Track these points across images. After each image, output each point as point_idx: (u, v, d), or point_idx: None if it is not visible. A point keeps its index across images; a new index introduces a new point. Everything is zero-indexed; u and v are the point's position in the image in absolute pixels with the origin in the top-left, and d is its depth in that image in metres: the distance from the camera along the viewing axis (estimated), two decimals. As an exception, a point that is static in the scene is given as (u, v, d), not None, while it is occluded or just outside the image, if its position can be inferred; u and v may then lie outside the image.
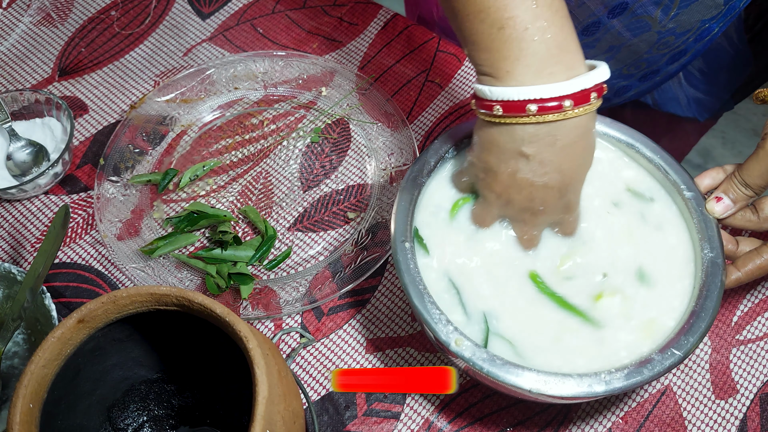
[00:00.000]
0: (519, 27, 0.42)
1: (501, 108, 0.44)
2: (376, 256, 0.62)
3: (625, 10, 0.68)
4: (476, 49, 0.45)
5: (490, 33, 0.43)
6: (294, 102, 0.74)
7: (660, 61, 0.74)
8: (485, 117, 0.46)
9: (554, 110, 0.43)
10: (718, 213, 0.51)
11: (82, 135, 0.73)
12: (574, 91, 0.43)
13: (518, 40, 0.43)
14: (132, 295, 0.43)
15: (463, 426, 0.57)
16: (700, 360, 0.60)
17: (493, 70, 0.44)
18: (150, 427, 0.53)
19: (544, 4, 0.43)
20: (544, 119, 0.43)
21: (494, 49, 0.44)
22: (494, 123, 0.45)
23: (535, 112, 0.43)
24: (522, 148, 0.45)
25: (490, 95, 0.44)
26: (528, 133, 0.44)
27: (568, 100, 0.43)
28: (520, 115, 0.43)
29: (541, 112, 0.43)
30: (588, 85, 0.43)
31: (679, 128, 0.92)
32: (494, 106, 0.44)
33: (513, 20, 0.42)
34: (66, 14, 0.82)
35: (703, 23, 0.67)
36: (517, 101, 0.43)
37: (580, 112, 0.43)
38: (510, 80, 0.44)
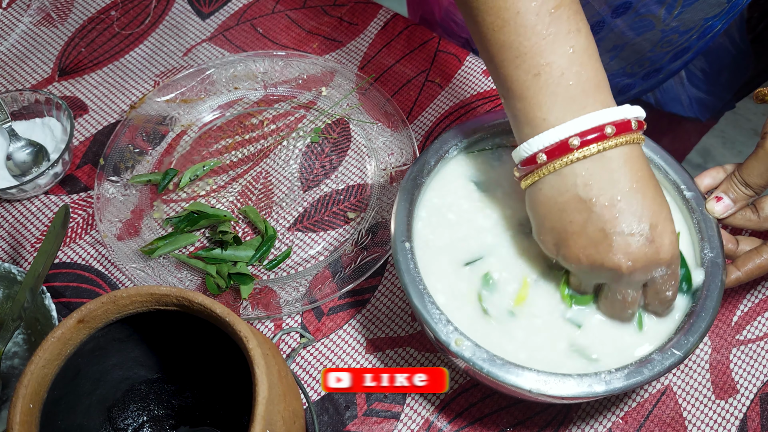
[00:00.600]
0: (555, 73, 0.42)
1: (545, 155, 0.42)
2: (376, 256, 0.62)
3: (628, 10, 0.68)
4: (512, 97, 0.44)
5: (526, 80, 0.42)
6: (294, 102, 0.74)
7: (663, 59, 0.74)
8: (533, 178, 0.44)
9: (598, 140, 0.41)
10: (718, 213, 0.51)
11: (82, 135, 0.73)
12: (614, 118, 0.42)
13: (554, 86, 0.42)
14: (132, 295, 0.43)
15: (463, 426, 0.57)
16: (700, 360, 0.60)
17: (529, 120, 0.43)
18: (150, 427, 0.53)
19: (581, 48, 0.42)
20: (589, 152, 0.41)
21: (529, 96, 0.43)
22: (543, 179, 0.44)
23: (578, 145, 0.41)
24: (579, 193, 0.42)
25: (529, 149, 0.43)
26: (579, 173, 0.42)
27: (610, 126, 0.41)
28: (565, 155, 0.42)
29: (585, 144, 0.41)
30: (626, 113, 0.42)
31: (681, 128, 0.92)
32: (537, 156, 0.43)
33: (549, 66, 0.42)
34: (66, 14, 0.82)
35: (706, 21, 0.68)
36: (558, 142, 0.42)
37: (625, 140, 0.42)
38: (547, 125, 0.42)
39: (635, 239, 0.42)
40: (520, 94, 0.43)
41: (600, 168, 0.42)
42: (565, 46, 0.42)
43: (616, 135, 0.42)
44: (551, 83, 0.42)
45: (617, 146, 0.42)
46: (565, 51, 0.42)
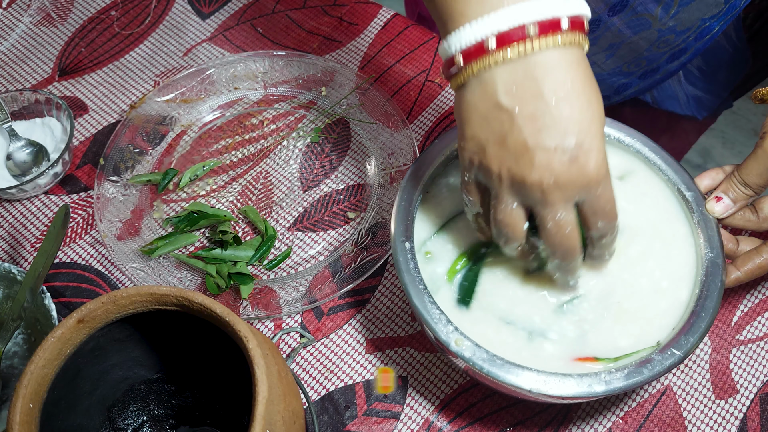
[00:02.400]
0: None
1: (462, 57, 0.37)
2: (376, 256, 0.62)
3: (625, 8, 0.68)
4: None
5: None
6: (294, 102, 0.74)
7: (660, 59, 0.74)
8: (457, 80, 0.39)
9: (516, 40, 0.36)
10: (718, 213, 0.51)
11: (82, 135, 0.73)
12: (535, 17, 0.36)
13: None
14: (132, 295, 0.43)
15: (463, 426, 0.57)
16: (700, 360, 0.60)
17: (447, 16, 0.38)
18: (150, 427, 0.53)
19: None
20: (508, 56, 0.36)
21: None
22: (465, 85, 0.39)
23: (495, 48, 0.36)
24: (500, 100, 0.37)
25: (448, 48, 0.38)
26: (501, 80, 0.37)
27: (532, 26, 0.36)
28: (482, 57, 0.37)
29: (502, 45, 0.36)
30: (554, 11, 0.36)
31: (678, 126, 0.92)
32: (456, 57, 0.38)
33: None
34: (66, 14, 0.82)
35: (704, 22, 0.68)
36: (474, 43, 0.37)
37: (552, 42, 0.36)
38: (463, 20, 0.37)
39: (558, 155, 0.37)
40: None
41: (523, 74, 0.37)
42: None
43: (541, 35, 0.36)
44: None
45: (543, 49, 0.36)
46: None
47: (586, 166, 0.38)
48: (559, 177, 0.38)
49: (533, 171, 0.38)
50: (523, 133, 0.37)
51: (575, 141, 0.37)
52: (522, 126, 0.37)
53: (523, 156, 0.38)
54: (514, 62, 0.37)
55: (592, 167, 0.38)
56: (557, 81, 0.37)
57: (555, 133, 0.37)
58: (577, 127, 0.37)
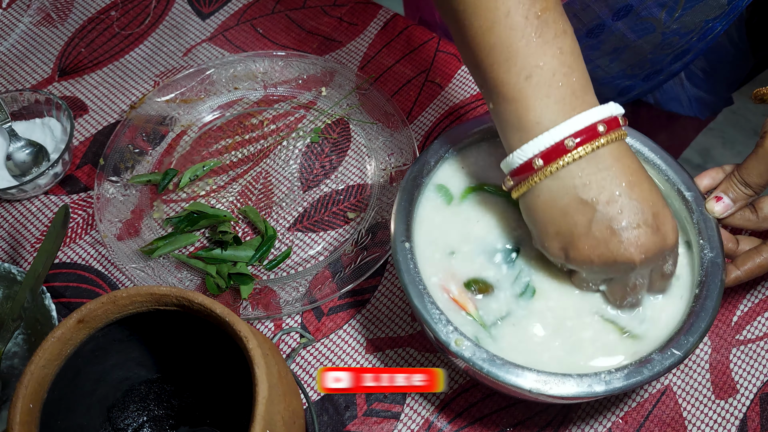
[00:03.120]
0: (546, 74, 0.42)
1: (541, 160, 0.42)
2: (376, 256, 0.62)
3: (629, 13, 0.68)
4: (501, 101, 0.43)
5: (517, 82, 0.42)
6: (294, 102, 0.74)
7: (664, 61, 0.74)
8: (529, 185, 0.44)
9: (590, 138, 0.42)
10: (717, 212, 0.51)
11: (82, 135, 0.73)
12: (603, 116, 0.42)
13: (546, 87, 0.42)
14: (132, 295, 0.43)
15: (463, 426, 0.57)
16: (700, 360, 0.60)
17: (521, 125, 0.43)
18: (150, 427, 0.53)
19: (568, 50, 0.42)
20: (584, 151, 0.41)
21: (521, 98, 0.42)
22: (540, 184, 0.43)
23: (574, 146, 0.41)
24: (581, 195, 0.42)
25: (523, 155, 0.43)
26: (577, 175, 0.42)
27: (601, 124, 0.42)
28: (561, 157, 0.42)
29: (580, 144, 0.41)
30: (613, 111, 0.43)
31: (678, 125, 0.92)
32: (533, 161, 0.43)
33: (540, 68, 0.42)
34: (66, 14, 0.82)
35: (707, 23, 0.68)
36: (554, 144, 0.42)
37: (615, 137, 0.42)
38: (541, 128, 0.42)
39: (642, 231, 0.42)
40: (511, 97, 0.43)
41: (595, 167, 0.42)
42: (554, 47, 0.42)
43: (607, 132, 0.42)
44: (543, 85, 0.42)
45: (608, 143, 0.42)
46: (555, 53, 0.42)
47: (667, 233, 0.43)
48: (648, 249, 0.42)
49: (625, 250, 0.42)
50: (607, 218, 0.42)
51: (652, 213, 0.42)
52: (604, 213, 0.42)
53: (611, 239, 0.42)
54: (587, 158, 0.42)
55: (671, 232, 0.44)
56: (623, 168, 0.42)
57: (635, 211, 0.42)
58: (650, 202, 0.42)
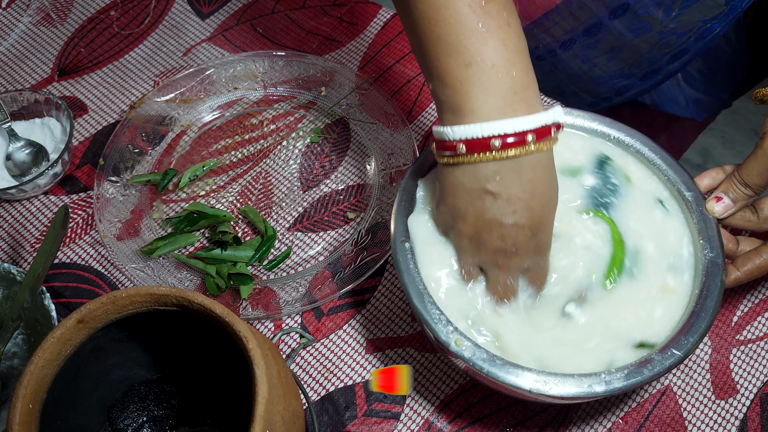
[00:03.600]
0: (486, 65, 0.43)
1: (464, 146, 0.44)
2: (376, 256, 0.62)
3: (626, 11, 0.68)
4: (441, 86, 0.45)
5: (457, 70, 0.43)
6: (294, 102, 0.74)
7: (661, 61, 0.74)
8: (447, 159, 0.46)
9: (517, 145, 0.43)
10: (718, 213, 0.51)
11: (82, 135, 0.73)
12: (536, 126, 0.43)
13: (484, 78, 0.43)
14: (132, 295, 0.43)
15: (463, 426, 0.57)
16: (700, 360, 0.60)
17: (456, 108, 0.44)
18: (150, 427, 0.53)
19: (511, 44, 0.43)
20: (506, 155, 0.43)
21: (460, 86, 0.44)
22: (457, 164, 0.45)
23: (498, 147, 0.43)
24: (487, 186, 0.44)
25: (452, 135, 0.44)
26: (492, 170, 0.44)
27: (531, 134, 0.43)
28: (484, 151, 0.43)
29: (505, 147, 0.43)
30: (549, 120, 0.44)
31: (677, 126, 0.92)
32: (458, 145, 0.44)
33: (481, 57, 0.43)
34: (65, 14, 0.82)
35: (705, 23, 0.68)
36: (481, 138, 0.43)
37: (542, 146, 0.43)
38: (473, 118, 0.44)
39: (522, 232, 0.46)
40: (450, 83, 0.44)
41: (511, 170, 0.44)
42: (496, 39, 0.43)
43: (536, 142, 0.43)
44: (482, 75, 0.43)
45: (531, 153, 0.44)
46: (497, 44, 0.43)
47: (541, 240, 0.47)
48: (520, 247, 0.46)
49: (501, 241, 0.46)
50: (501, 213, 0.45)
51: (538, 222, 0.46)
52: (501, 207, 0.45)
53: (496, 229, 0.46)
54: (508, 160, 0.44)
55: (545, 242, 0.48)
56: (534, 177, 0.44)
57: (526, 216, 0.45)
58: (541, 213, 0.46)
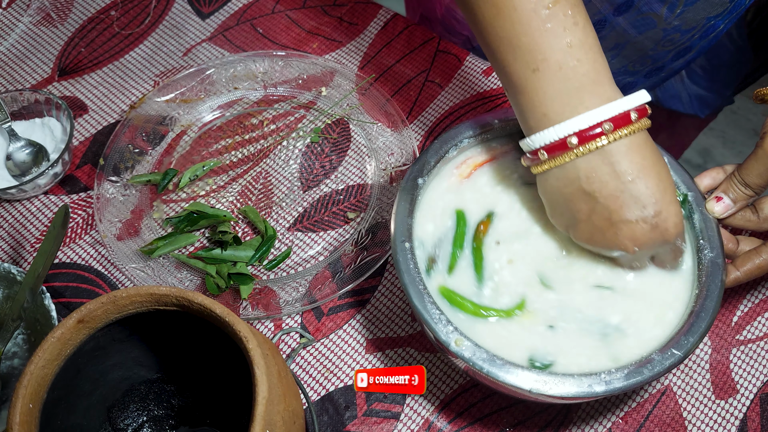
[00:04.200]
0: (552, 68, 0.42)
1: (546, 152, 0.44)
2: (376, 256, 0.62)
3: (630, 8, 0.68)
4: (513, 91, 0.45)
5: (525, 74, 0.43)
6: (294, 102, 0.74)
7: (665, 58, 0.74)
8: (538, 169, 0.46)
9: (595, 137, 0.42)
10: (718, 213, 0.51)
11: (82, 135, 0.73)
12: (610, 115, 0.43)
13: (552, 81, 0.43)
14: (132, 295, 0.43)
15: (463, 426, 0.57)
16: (700, 360, 0.60)
17: (531, 116, 0.45)
18: (150, 427, 0.53)
19: (578, 43, 0.43)
20: (588, 149, 0.43)
21: (529, 91, 0.44)
22: (548, 171, 0.45)
23: (576, 144, 0.43)
24: (583, 186, 0.44)
25: (532, 144, 0.45)
26: (581, 168, 0.44)
27: (607, 123, 0.42)
28: (564, 153, 0.43)
29: (583, 142, 0.42)
30: (624, 107, 0.43)
31: (679, 124, 0.92)
32: (539, 152, 0.45)
33: (546, 62, 0.43)
34: (66, 14, 0.82)
35: (709, 20, 0.68)
36: (557, 140, 0.43)
37: (624, 133, 0.42)
38: (547, 122, 0.44)
39: (640, 226, 0.43)
40: (521, 88, 0.44)
41: (600, 162, 0.43)
42: (561, 41, 0.42)
43: (615, 130, 0.42)
44: (549, 78, 0.43)
45: (617, 140, 0.43)
46: (562, 46, 0.42)
47: (667, 230, 0.44)
48: (643, 243, 0.44)
49: (620, 241, 0.44)
50: (607, 210, 0.43)
51: (654, 211, 0.43)
52: (605, 205, 0.43)
53: (608, 230, 0.44)
54: (593, 154, 0.43)
55: (672, 229, 0.45)
56: (630, 163, 0.43)
57: (635, 207, 0.43)
58: (653, 198, 0.43)
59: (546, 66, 0.42)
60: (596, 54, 0.44)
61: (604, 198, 0.43)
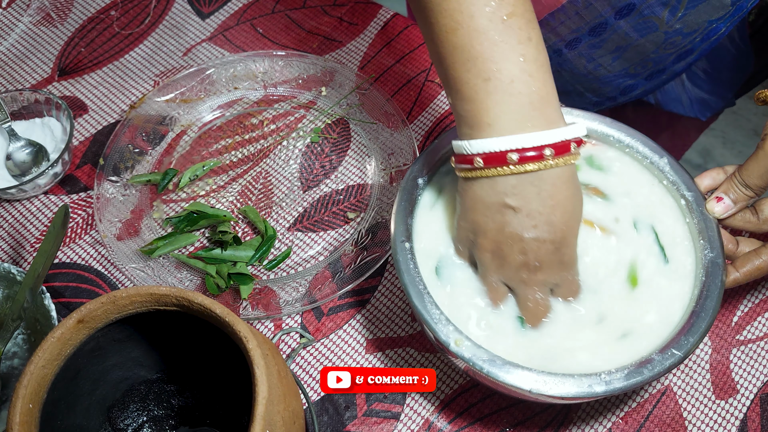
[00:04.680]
0: (505, 79, 0.42)
1: (482, 160, 0.44)
2: (376, 256, 0.62)
3: (632, 11, 0.68)
4: (459, 99, 0.45)
5: (476, 84, 0.43)
6: (294, 102, 0.74)
7: (666, 61, 0.74)
8: (466, 173, 0.46)
9: (535, 159, 0.43)
10: (718, 213, 0.51)
11: (82, 135, 0.73)
12: (554, 141, 0.43)
13: (502, 93, 0.43)
14: (132, 295, 0.43)
15: (463, 426, 0.57)
16: (700, 360, 0.60)
17: (474, 122, 0.44)
18: (150, 427, 0.53)
19: (531, 58, 0.43)
20: (525, 169, 0.43)
21: (478, 100, 0.43)
22: (476, 178, 0.45)
23: (516, 161, 0.43)
24: (506, 200, 0.44)
25: (469, 149, 0.44)
26: (510, 184, 0.44)
27: (549, 149, 0.43)
28: (501, 165, 0.43)
29: (522, 162, 0.43)
30: (568, 136, 0.44)
31: (680, 125, 0.92)
32: (475, 158, 0.44)
33: (499, 72, 0.42)
34: (66, 14, 0.82)
35: (710, 23, 0.67)
36: (498, 152, 0.43)
37: (560, 162, 0.43)
38: (491, 132, 0.43)
39: (546, 246, 0.45)
40: (468, 96, 0.44)
41: (530, 184, 0.44)
42: (516, 53, 0.42)
43: (554, 157, 0.43)
44: (500, 89, 0.43)
45: (553, 167, 0.43)
46: (516, 59, 0.42)
47: (565, 255, 0.47)
48: (543, 262, 0.46)
49: (523, 255, 0.46)
50: (521, 227, 0.45)
51: (560, 237, 0.45)
52: (521, 221, 0.45)
53: (516, 243, 0.45)
54: (526, 174, 0.43)
55: (570, 257, 0.47)
56: (555, 191, 0.44)
57: (547, 230, 0.45)
58: (564, 227, 0.45)
59: (498, 76, 0.43)
60: (546, 73, 0.44)
61: (523, 215, 0.44)
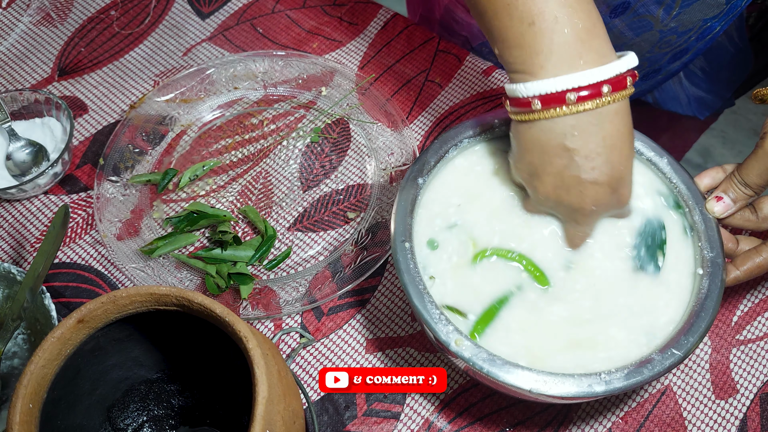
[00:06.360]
0: (549, 19, 0.42)
1: (540, 102, 0.43)
2: (376, 256, 0.62)
3: (627, 10, 0.68)
4: (507, 47, 0.45)
5: (520, 29, 0.43)
6: (294, 102, 0.74)
7: (662, 60, 0.74)
8: (523, 116, 0.45)
9: (593, 97, 0.42)
10: (717, 212, 0.51)
11: (82, 135, 0.73)
12: (610, 76, 0.43)
13: (549, 32, 0.42)
14: (132, 295, 0.43)
15: (463, 426, 0.57)
16: (700, 360, 0.60)
17: (526, 67, 0.44)
18: (150, 427, 0.53)
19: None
20: (583, 108, 0.42)
21: (525, 44, 0.43)
22: (533, 121, 0.45)
23: (574, 101, 0.42)
24: (566, 143, 0.44)
25: (525, 92, 0.44)
26: (569, 125, 0.43)
27: (606, 85, 0.42)
28: (560, 106, 0.43)
29: (581, 100, 0.42)
30: (623, 69, 0.43)
31: (680, 125, 0.92)
32: (532, 101, 0.44)
33: (542, 14, 0.42)
34: (65, 14, 0.82)
35: (705, 22, 0.68)
36: (555, 93, 0.43)
37: (618, 97, 0.43)
38: (545, 74, 0.43)
39: (604, 189, 0.45)
40: (516, 42, 0.44)
41: (589, 123, 0.43)
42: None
43: (611, 93, 0.43)
44: (546, 30, 0.43)
45: (608, 104, 0.43)
46: None
47: (623, 195, 0.47)
48: (602, 205, 0.47)
49: (583, 200, 0.46)
50: (580, 169, 0.45)
51: (618, 177, 0.45)
52: (579, 164, 0.44)
53: (575, 187, 0.46)
54: (585, 113, 0.43)
55: (627, 195, 0.48)
56: (613, 129, 0.44)
57: (606, 172, 0.45)
58: (621, 167, 0.45)
59: (541, 18, 0.42)
60: (590, 4, 0.44)
61: (581, 157, 0.44)
